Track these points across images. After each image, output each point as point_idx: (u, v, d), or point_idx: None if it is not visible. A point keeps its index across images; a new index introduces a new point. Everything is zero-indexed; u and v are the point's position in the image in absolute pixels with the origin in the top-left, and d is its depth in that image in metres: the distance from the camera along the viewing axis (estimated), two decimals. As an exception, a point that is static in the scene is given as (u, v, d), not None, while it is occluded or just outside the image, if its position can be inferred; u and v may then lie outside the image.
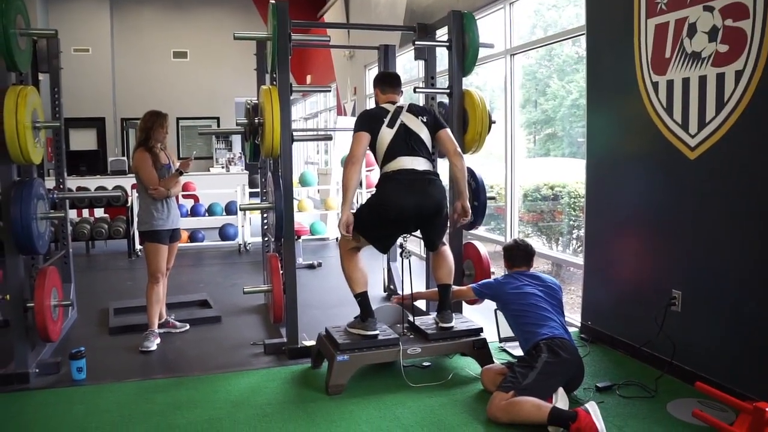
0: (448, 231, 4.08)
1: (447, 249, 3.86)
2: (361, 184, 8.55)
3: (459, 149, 3.81)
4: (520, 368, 3.17)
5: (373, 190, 3.73)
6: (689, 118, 3.44)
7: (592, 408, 2.81)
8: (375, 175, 7.00)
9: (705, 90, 3.34)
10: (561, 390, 3.07)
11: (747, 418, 2.62)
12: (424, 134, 3.69)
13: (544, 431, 2.88)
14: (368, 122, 3.69)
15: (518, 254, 3.73)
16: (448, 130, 3.82)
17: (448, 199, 3.83)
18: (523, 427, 2.94)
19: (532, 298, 3.45)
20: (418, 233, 3.87)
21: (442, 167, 4.13)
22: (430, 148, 3.72)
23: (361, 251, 3.72)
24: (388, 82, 3.89)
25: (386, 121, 3.65)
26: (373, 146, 3.69)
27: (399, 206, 3.52)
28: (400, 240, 3.78)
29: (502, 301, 3.62)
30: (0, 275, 4.73)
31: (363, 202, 3.91)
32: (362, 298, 3.64)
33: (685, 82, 3.46)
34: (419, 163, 3.59)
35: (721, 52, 3.22)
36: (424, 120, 3.72)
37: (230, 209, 8.67)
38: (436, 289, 3.85)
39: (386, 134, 3.62)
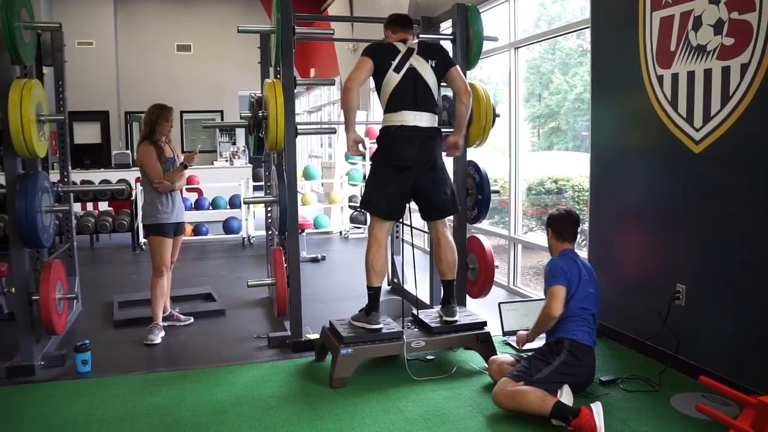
0: (452, 225, 4.08)
1: (450, 238, 3.83)
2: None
3: (469, 87, 3.81)
4: (536, 360, 3.15)
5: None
6: (694, 112, 3.43)
7: (596, 408, 2.81)
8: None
9: (710, 83, 3.32)
10: (567, 387, 3.06)
11: (751, 412, 2.61)
12: (432, 81, 3.65)
13: (545, 424, 2.88)
14: (376, 52, 3.61)
15: (567, 226, 3.39)
16: (458, 67, 3.82)
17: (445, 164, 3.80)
18: (525, 420, 2.95)
19: (585, 293, 3.27)
20: (424, 227, 3.86)
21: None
22: (435, 96, 3.69)
23: (387, 238, 3.71)
24: (399, 22, 3.80)
25: (394, 63, 3.58)
26: (378, 86, 3.66)
27: (402, 160, 3.55)
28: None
29: (571, 291, 3.24)
30: (5, 268, 4.76)
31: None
32: (375, 292, 3.65)
33: (690, 75, 3.45)
34: (422, 119, 3.59)
35: (726, 45, 3.20)
36: (433, 65, 3.66)
37: (234, 203, 8.68)
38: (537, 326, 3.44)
39: (392, 79, 3.58)
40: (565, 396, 3.00)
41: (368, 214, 3.73)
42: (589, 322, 3.26)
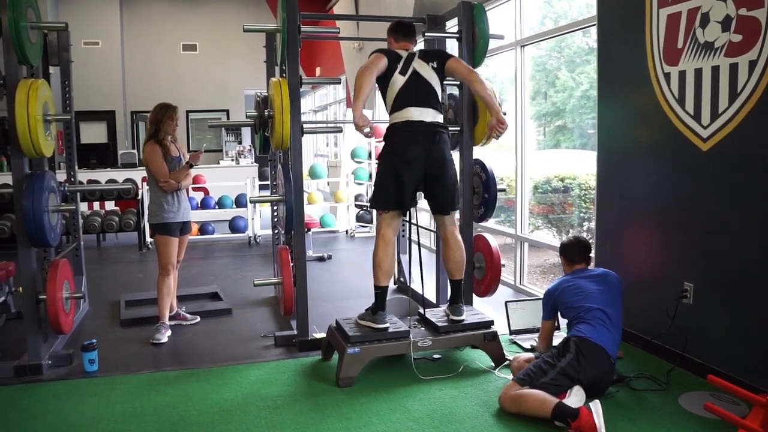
0: (458, 224, 4.07)
1: (458, 237, 3.83)
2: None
3: (471, 68, 3.85)
4: (543, 364, 3.13)
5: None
6: (702, 109, 3.41)
7: (595, 407, 2.79)
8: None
9: (718, 80, 3.30)
10: (577, 388, 3.02)
11: (760, 412, 2.60)
12: (434, 81, 3.72)
13: (551, 424, 2.87)
14: (386, 54, 3.70)
15: (576, 250, 3.58)
16: (455, 57, 3.88)
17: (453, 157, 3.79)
18: (532, 420, 2.94)
19: (586, 292, 3.33)
20: (431, 227, 3.86)
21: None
22: (439, 96, 3.75)
23: (395, 237, 3.72)
24: (402, 30, 3.90)
25: (399, 67, 3.68)
26: (384, 90, 3.72)
27: (409, 152, 3.57)
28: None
29: (561, 301, 3.42)
30: (13, 268, 4.77)
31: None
32: (382, 291, 3.65)
33: (698, 72, 3.43)
34: (427, 114, 3.63)
35: (734, 41, 3.18)
36: (434, 66, 3.75)
37: (240, 202, 8.69)
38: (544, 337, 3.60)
39: (398, 80, 3.66)
40: (574, 397, 2.96)
41: (375, 213, 3.74)
42: (600, 319, 3.21)
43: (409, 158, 3.57)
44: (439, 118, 3.70)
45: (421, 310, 3.88)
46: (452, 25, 4.78)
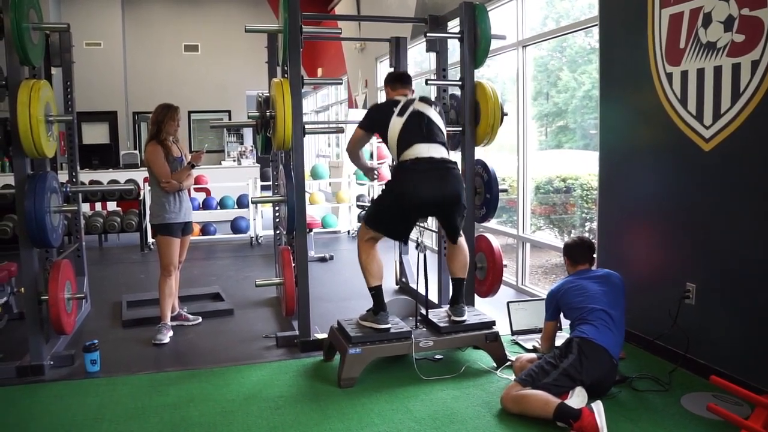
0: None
1: (463, 241, 3.84)
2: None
3: None
4: (546, 364, 3.12)
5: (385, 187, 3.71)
6: (704, 109, 3.41)
7: (597, 408, 2.79)
8: (385, 170, 6.99)
9: (720, 80, 3.30)
10: (579, 388, 3.02)
11: (763, 412, 2.60)
12: (438, 119, 3.70)
13: (553, 425, 2.86)
14: (372, 119, 3.77)
15: (579, 251, 3.59)
16: None
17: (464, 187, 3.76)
18: (534, 420, 2.93)
19: (589, 293, 3.33)
20: (433, 227, 3.86)
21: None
22: (444, 133, 3.70)
23: (378, 243, 3.71)
24: (399, 79, 3.92)
25: (396, 110, 3.64)
26: (384, 137, 3.69)
27: (417, 196, 3.49)
28: (415, 234, 3.75)
29: (564, 302, 3.42)
30: (15, 268, 4.78)
31: (378, 194, 3.91)
32: (377, 292, 3.64)
33: (700, 72, 3.42)
34: (436, 150, 3.56)
35: (736, 41, 3.18)
36: (437, 110, 3.74)
37: (242, 202, 8.70)
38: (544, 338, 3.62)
39: (396, 123, 3.61)
40: (576, 398, 2.96)
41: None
42: (603, 320, 3.20)
43: (418, 202, 3.51)
44: (448, 155, 3.63)
45: (423, 311, 3.88)
46: (454, 25, 4.78)
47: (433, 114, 3.68)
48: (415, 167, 3.51)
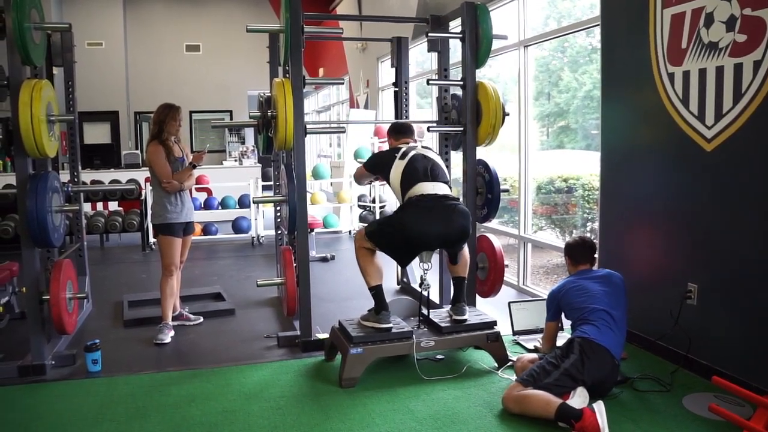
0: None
1: (465, 247, 3.84)
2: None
3: None
4: (547, 364, 3.12)
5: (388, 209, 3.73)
6: (706, 110, 3.40)
7: (599, 408, 2.78)
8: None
9: (722, 81, 3.29)
10: (581, 389, 3.01)
11: (764, 413, 2.60)
12: (440, 160, 3.80)
13: (554, 425, 2.86)
14: (374, 163, 3.95)
15: (580, 250, 3.60)
16: None
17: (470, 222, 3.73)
18: (536, 420, 2.93)
19: (590, 293, 3.33)
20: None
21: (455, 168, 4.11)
22: (447, 175, 3.79)
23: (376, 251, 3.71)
24: (401, 130, 4.02)
25: (398, 155, 3.73)
26: (388, 179, 3.78)
27: (421, 233, 3.51)
28: (419, 271, 3.74)
29: (566, 302, 3.42)
30: (16, 268, 4.79)
31: (383, 217, 3.93)
32: (377, 291, 3.64)
33: (702, 72, 3.42)
34: (440, 188, 3.61)
35: (738, 42, 3.17)
36: (438, 155, 3.86)
37: (243, 202, 8.70)
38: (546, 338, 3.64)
39: (398, 167, 3.70)
40: (578, 398, 2.96)
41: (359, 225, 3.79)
42: (604, 321, 3.20)
43: (426, 239, 3.53)
44: (451, 193, 3.67)
45: (425, 311, 3.87)
46: (455, 25, 4.78)
47: (436, 156, 3.79)
48: (420, 203, 3.54)
